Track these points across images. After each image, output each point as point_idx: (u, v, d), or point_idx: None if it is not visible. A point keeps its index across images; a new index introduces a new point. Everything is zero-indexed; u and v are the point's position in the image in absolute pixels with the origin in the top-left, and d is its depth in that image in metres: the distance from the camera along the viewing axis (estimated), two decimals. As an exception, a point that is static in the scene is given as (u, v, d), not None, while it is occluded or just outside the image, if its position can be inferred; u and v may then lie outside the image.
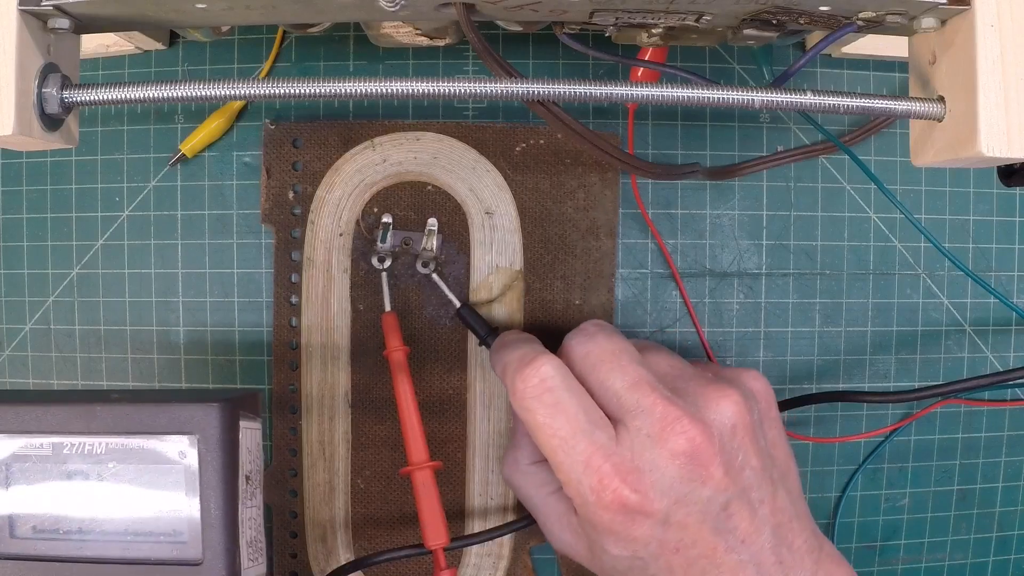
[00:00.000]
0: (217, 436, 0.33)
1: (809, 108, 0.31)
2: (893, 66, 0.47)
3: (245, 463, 0.35)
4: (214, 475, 0.33)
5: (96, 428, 0.33)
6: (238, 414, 0.34)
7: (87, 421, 0.33)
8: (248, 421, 0.36)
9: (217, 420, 0.33)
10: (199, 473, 0.33)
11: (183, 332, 0.47)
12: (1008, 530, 0.49)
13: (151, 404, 0.33)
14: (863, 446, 0.48)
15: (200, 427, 0.33)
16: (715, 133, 0.47)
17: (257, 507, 0.36)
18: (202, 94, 0.30)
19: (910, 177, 0.48)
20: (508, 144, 0.46)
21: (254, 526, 0.36)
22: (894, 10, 0.31)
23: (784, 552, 0.36)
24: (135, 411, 0.33)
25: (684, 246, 0.47)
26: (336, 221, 0.45)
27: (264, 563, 0.37)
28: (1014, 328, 0.49)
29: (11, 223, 0.47)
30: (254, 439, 0.36)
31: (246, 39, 0.47)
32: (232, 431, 0.34)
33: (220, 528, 0.33)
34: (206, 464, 0.33)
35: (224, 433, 0.33)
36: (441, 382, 0.46)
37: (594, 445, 0.35)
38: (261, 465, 0.37)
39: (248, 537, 0.35)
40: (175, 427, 0.33)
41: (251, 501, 0.36)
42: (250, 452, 0.36)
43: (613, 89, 0.30)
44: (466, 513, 0.46)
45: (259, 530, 0.36)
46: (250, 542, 0.35)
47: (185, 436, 0.33)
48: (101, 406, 0.33)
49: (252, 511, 0.36)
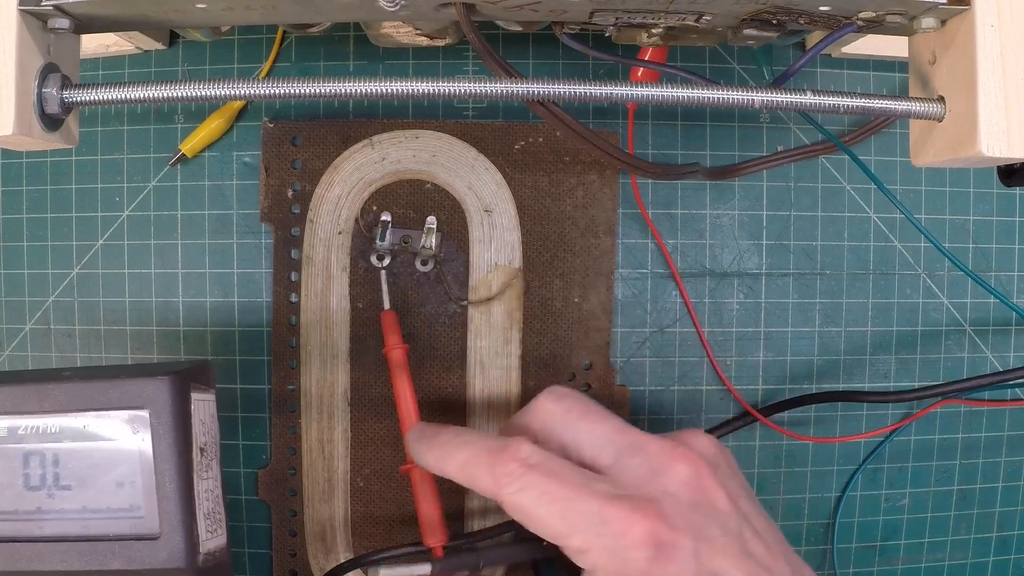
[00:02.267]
0: (168, 409, 0.33)
1: (809, 108, 0.31)
2: (893, 66, 0.47)
3: (199, 435, 0.35)
4: (167, 448, 0.33)
5: (49, 407, 0.33)
6: (189, 386, 0.34)
7: (39, 400, 0.33)
8: (200, 393, 0.36)
9: (167, 393, 0.33)
10: (152, 447, 0.33)
11: (183, 332, 0.47)
12: (1008, 530, 0.49)
13: (101, 380, 0.34)
14: (863, 446, 0.48)
15: (151, 401, 0.33)
16: (715, 133, 0.47)
17: (214, 478, 0.36)
18: (202, 94, 0.30)
19: (910, 177, 0.48)
20: (507, 142, 0.46)
21: (211, 498, 0.36)
22: (894, 10, 0.31)
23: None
24: (86, 388, 0.33)
25: (684, 246, 0.47)
26: (335, 219, 0.45)
27: (224, 534, 0.37)
28: (1014, 328, 0.49)
29: (11, 223, 0.47)
30: (207, 411, 0.36)
31: (246, 39, 0.47)
32: (183, 403, 0.34)
33: (176, 501, 0.33)
34: (159, 438, 0.33)
35: (175, 406, 0.33)
36: (440, 381, 0.46)
37: (602, 495, 0.33)
38: (216, 436, 0.37)
39: (206, 509, 0.35)
40: (126, 402, 0.33)
41: (207, 473, 0.36)
42: (203, 424, 0.36)
43: (613, 89, 0.30)
44: (466, 512, 0.46)
45: (217, 501, 0.36)
46: (208, 514, 0.35)
47: (136, 411, 0.33)
48: (53, 384, 0.33)
49: (208, 483, 0.36)
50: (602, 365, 0.47)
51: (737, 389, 0.47)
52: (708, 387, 0.48)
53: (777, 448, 0.48)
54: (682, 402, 0.48)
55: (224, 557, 0.36)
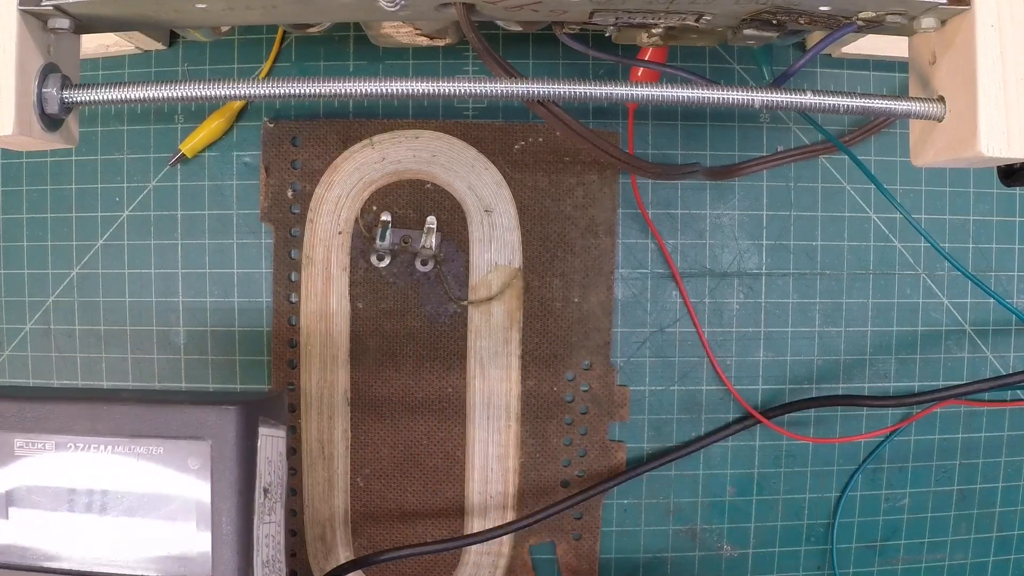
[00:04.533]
0: (233, 443, 0.30)
1: (809, 108, 0.31)
2: (893, 66, 0.47)
3: (264, 474, 0.32)
4: (228, 487, 0.30)
5: (102, 430, 0.31)
6: (257, 420, 0.31)
7: (92, 422, 0.31)
8: (270, 428, 0.33)
9: (233, 425, 0.30)
10: (211, 484, 0.30)
11: (183, 332, 0.47)
12: (1008, 530, 0.49)
13: (160, 405, 0.31)
14: (863, 446, 0.48)
15: (213, 432, 0.30)
16: (715, 133, 0.47)
17: (277, 523, 0.33)
18: (202, 94, 0.29)
19: (910, 177, 0.48)
20: (507, 142, 0.46)
21: (272, 544, 0.33)
22: (894, 10, 0.31)
23: None
24: (144, 412, 0.31)
25: (684, 246, 0.47)
26: (335, 219, 0.45)
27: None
28: (1014, 328, 0.49)
29: (11, 223, 0.47)
30: (276, 448, 0.33)
31: (246, 39, 0.47)
32: (250, 438, 0.31)
33: (232, 545, 0.30)
34: (219, 474, 0.30)
35: (240, 440, 0.30)
36: (440, 381, 0.46)
37: None
38: (284, 476, 0.34)
39: (265, 556, 0.32)
40: (186, 431, 0.30)
41: (270, 517, 0.33)
42: (271, 463, 0.33)
43: (613, 89, 0.30)
44: (466, 511, 0.46)
45: (278, 548, 0.33)
46: (267, 561, 0.32)
47: (197, 441, 0.30)
48: (108, 406, 0.31)
49: (271, 527, 0.33)
50: (602, 365, 0.47)
51: (737, 389, 0.47)
52: (708, 387, 0.48)
53: (777, 448, 0.48)
54: (682, 402, 0.48)
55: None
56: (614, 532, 0.47)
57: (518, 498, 0.46)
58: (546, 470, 0.47)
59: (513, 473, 0.46)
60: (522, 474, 0.46)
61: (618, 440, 0.47)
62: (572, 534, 0.47)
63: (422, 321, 0.46)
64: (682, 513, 0.48)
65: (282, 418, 0.34)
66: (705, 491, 0.48)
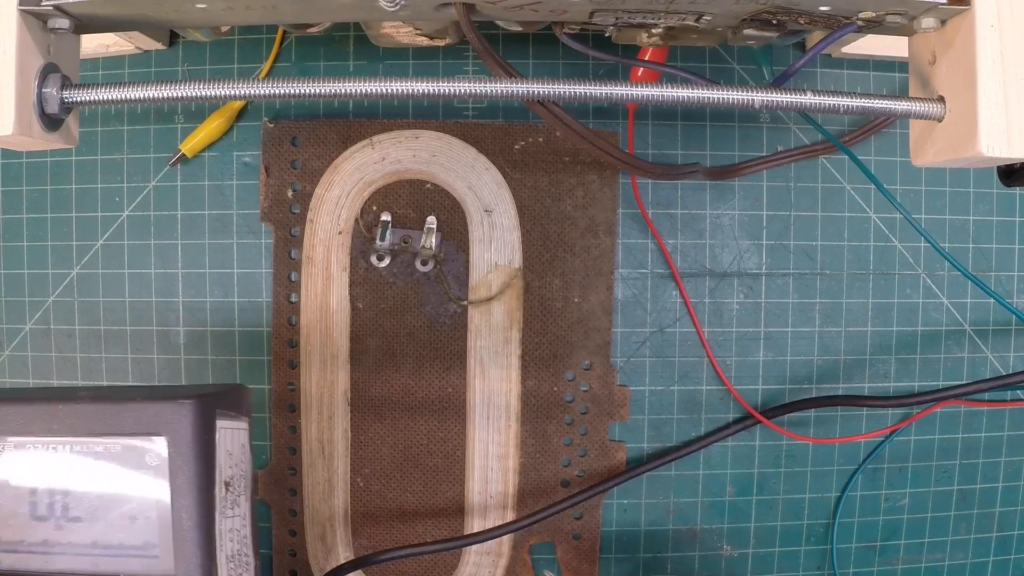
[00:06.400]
0: (189, 438, 0.30)
1: (809, 108, 0.31)
2: (893, 66, 0.47)
3: (224, 467, 0.32)
4: (186, 482, 0.30)
5: (58, 429, 0.30)
6: (214, 413, 0.31)
7: (48, 422, 0.30)
8: (229, 420, 0.33)
9: (189, 419, 0.30)
10: (170, 480, 0.30)
11: (183, 332, 0.47)
12: (1008, 530, 0.49)
13: (115, 402, 0.30)
14: (863, 446, 0.48)
15: (169, 427, 0.30)
16: (715, 133, 0.47)
17: (241, 516, 0.33)
18: (202, 94, 0.29)
19: (910, 177, 0.48)
20: (507, 142, 0.46)
21: (237, 538, 0.33)
22: (894, 10, 0.31)
23: None
24: (99, 410, 0.30)
25: (684, 246, 0.47)
26: (335, 219, 0.45)
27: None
28: (1014, 328, 0.49)
29: (11, 223, 0.47)
30: (236, 440, 0.33)
31: (246, 39, 0.47)
32: (207, 432, 0.31)
33: (194, 541, 0.30)
34: (177, 469, 0.30)
35: (197, 435, 0.30)
36: (440, 381, 0.46)
37: None
38: (248, 469, 0.34)
39: (229, 551, 0.32)
40: (142, 428, 0.30)
41: (233, 510, 0.32)
42: (231, 455, 0.33)
43: (613, 89, 0.30)
44: (466, 511, 0.46)
45: (244, 542, 0.33)
46: (232, 556, 0.32)
47: (153, 438, 0.30)
48: (64, 405, 0.30)
49: (235, 521, 0.33)
50: (602, 365, 0.47)
51: (737, 389, 0.47)
52: (708, 387, 0.48)
53: (777, 448, 0.48)
54: (682, 402, 0.48)
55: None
56: (614, 532, 0.47)
57: (518, 498, 0.46)
58: (546, 470, 0.47)
59: (513, 473, 0.46)
60: (522, 474, 0.46)
61: (618, 440, 0.47)
62: (572, 534, 0.47)
63: (422, 321, 0.46)
64: (682, 513, 0.48)
65: (243, 410, 0.34)
66: (705, 491, 0.48)
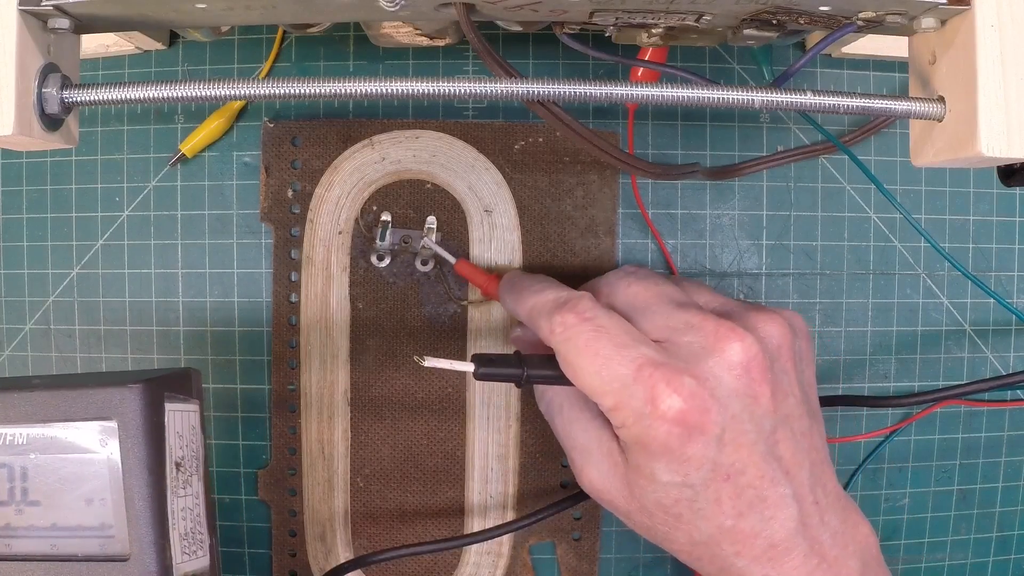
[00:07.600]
0: (138, 421, 0.31)
1: (809, 108, 0.31)
2: (893, 66, 0.47)
3: (174, 449, 0.33)
4: (137, 464, 0.31)
5: (14, 417, 0.32)
6: (162, 396, 0.33)
7: (4, 410, 0.32)
8: (177, 403, 0.34)
9: (137, 403, 0.31)
10: (121, 462, 0.31)
11: (183, 332, 0.47)
12: (1008, 530, 0.49)
13: (67, 389, 0.32)
14: (863, 446, 0.48)
15: (119, 411, 0.31)
16: (715, 133, 0.47)
17: (193, 495, 0.34)
18: (202, 94, 0.29)
19: (910, 177, 0.48)
20: (507, 142, 0.46)
21: (190, 517, 0.34)
22: (894, 10, 0.31)
23: (819, 492, 0.34)
24: (52, 397, 0.32)
25: (684, 246, 0.47)
26: (335, 219, 0.45)
27: (207, 556, 0.35)
28: (1014, 328, 0.49)
29: (11, 223, 0.47)
30: (187, 422, 0.34)
31: (246, 39, 0.47)
32: (156, 415, 0.32)
33: (146, 520, 0.31)
34: (127, 451, 0.31)
35: (145, 418, 0.31)
36: (440, 380, 0.46)
37: (644, 356, 0.33)
38: (200, 450, 0.35)
39: (182, 529, 0.33)
40: (93, 413, 0.31)
41: (185, 490, 0.34)
42: (181, 436, 0.34)
43: (613, 89, 0.30)
44: (466, 511, 0.46)
45: (198, 521, 0.34)
46: (185, 534, 0.33)
47: (105, 422, 0.31)
48: (18, 393, 0.32)
49: (187, 500, 0.34)
50: (602, 365, 0.47)
51: (737, 389, 0.47)
52: (708, 387, 0.48)
53: (777, 448, 0.48)
54: (682, 402, 0.47)
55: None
56: (614, 532, 0.47)
57: (518, 498, 0.46)
58: (546, 470, 0.47)
59: (513, 473, 0.46)
60: (522, 474, 0.46)
61: (618, 440, 0.47)
62: (572, 534, 0.47)
63: (422, 321, 0.46)
64: (682, 513, 0.48)
65: (193, 393, 0.35)
66: (705, 491, 0.48)
